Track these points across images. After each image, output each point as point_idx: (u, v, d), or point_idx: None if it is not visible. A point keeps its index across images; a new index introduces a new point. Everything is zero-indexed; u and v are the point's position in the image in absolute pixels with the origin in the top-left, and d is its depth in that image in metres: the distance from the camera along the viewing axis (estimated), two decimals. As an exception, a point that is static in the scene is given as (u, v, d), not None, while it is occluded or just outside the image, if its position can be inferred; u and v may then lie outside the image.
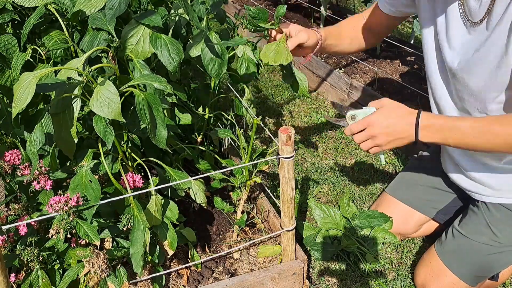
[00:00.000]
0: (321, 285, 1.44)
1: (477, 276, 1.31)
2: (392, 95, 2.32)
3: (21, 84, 0.85)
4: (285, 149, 1.12)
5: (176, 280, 1.33)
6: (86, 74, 0.94)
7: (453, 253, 1.33)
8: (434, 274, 1.35)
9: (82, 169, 1.05)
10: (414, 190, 1.55)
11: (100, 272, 1.02)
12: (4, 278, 0.77)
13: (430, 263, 1.36)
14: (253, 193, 1.59)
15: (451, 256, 1.33)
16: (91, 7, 1.10)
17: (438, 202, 1.52)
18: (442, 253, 1.35)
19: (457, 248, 1.33)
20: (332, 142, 2.18)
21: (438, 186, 1.53)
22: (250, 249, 1.46)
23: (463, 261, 1.31)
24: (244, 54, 1.44)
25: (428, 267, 1.37)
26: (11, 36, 1.14)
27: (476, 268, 1.30)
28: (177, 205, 1.23)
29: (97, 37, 1.12)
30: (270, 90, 2.67)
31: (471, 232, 1.32)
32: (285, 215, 1.25)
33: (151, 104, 0.98)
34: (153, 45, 1.12)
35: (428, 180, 1.54)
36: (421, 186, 1.55)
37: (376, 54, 2.79)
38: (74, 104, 0.95)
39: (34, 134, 1.01)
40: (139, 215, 1.05)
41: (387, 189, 1.63)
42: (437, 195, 1.52)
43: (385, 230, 1.52)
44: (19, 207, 1.15)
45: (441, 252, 1.35)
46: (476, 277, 1.31)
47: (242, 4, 3.82)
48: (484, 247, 1.29)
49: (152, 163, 1.25)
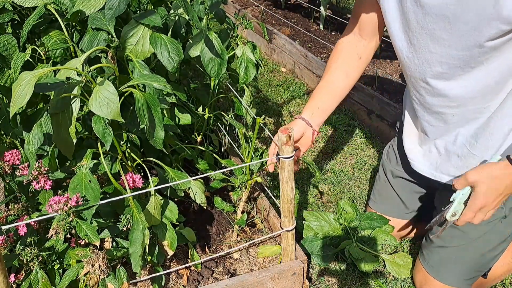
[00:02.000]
0: (321, 285, 1.44)
1: (466, 278, 1.31)
2: (392, 95, 2.32)
3: (19, 83, 0.85)
4: (285, 149, 1.12)
5: (176, 280, 1.33)
6: (85, 74, 0.94)
7: (437, 265, 1.33)
8: (427, 284, 1.36)
9: (81, 169, 1.05)
10: (391, 202, 1.58)
11: (100, 272, 1.02)
12: (3, 278, 0.77)
13: (422, 270, 1.38)
14: (253, 193, 1.59)
15: (436, 269, 1.34)
16: (91, 7, 1.10)
17: (415, 204, 1.55)
18: (427, 267, 1.36)
19: (439, 261, 1.33)
20: (332, 142, 2.18)
21: (409, 189, 1.53)
22: (250, 249, 1.46)
23: (449, 270, 1.32)
24: (244, 54, 1.44)
25: (420, 273, 1.38)
26: (11, 36, 1.14)
27: (464, 272, 1.30)
28: (177, 205, 1.23)
29: (97, 37, 1.12)
30: (270, 90, 2.67)
31: (443, 239, 1.32)
32: (285, 215, 1.25)
33: (150, 105, 0.98)
34: (153, 45, 1.12)
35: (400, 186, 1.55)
36: (395, 196, 1.56)
37: (376, 54, 2.79)
38: (73, 104, 0.95)
39: (33, 133, 1.01)
40: (138, 215, 1.05)
41: (370, 202, 1.65)
42: (412, 198, 1.54)
43: (386, 232, 1.53)
44: (19, 207, 1.15)
45: (426, 265, 1.36)
46: (466, 279, 1.31)
47: (242, 4, 3.82)
48: (461, 249, 1.29)
49: (152, 163, 1.25)
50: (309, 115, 1.30)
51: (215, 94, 1.59)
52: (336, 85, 1.33)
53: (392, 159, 1.56)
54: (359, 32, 1.34)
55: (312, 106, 1.31)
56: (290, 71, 2.91)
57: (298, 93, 2.62)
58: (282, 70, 2.94)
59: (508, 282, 1.43)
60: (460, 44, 1.05)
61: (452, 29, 1.04)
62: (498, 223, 1.26)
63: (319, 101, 1.32)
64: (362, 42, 1.34)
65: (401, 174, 1.53)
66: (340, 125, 2.28)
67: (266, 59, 3.11)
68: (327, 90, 1.33)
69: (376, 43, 1.35)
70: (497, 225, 1.26)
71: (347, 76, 1.33)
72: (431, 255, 1.35)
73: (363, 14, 1.29)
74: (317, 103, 1.31)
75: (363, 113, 2.31)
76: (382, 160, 1.61)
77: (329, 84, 1.33)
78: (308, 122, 1.29)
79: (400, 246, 1.59)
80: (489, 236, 1.27)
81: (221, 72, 1.29)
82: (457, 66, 1.09)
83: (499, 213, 1.25)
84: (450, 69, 1.11)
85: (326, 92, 1.33)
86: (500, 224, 1.26)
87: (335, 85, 1.33)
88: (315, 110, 1.31)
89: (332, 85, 1.33)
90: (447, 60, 1.09)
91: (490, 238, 1.27)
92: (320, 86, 1.34)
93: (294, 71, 2.87)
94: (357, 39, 1.34)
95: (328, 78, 1.34)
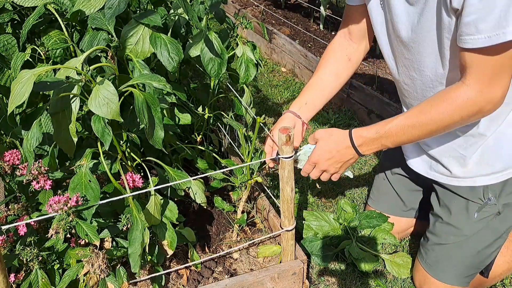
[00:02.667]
0: (321, 285, 1.44)
1: (464, 276, 1.32)
2: (392, 95, 2.32)
3: (18, 81, 0.85)
4: (285, 149, 1.12)
5: (175, 280, 1.33)
6: (84, 74, 0.94)
7: (435, 264, 1.34)
8: (426, 282, 1.36)
9: (81, 169, 1.05)
10: (390, 200, 1.59)
11: (100, 272, 1.02)
12: (3, 278, 0.77)
13: (421, 269, 1.38)
14: (253, 193, 1.59)
15: (434, 267, 1.34)
16: (91, 7, 1.10)
17: (413, 202, 1.56)
18: (426, 266, 1.36)
19: (437, 259, 1.34)
20: (332, 142, 2.18)
21: (407, 186, 1.55)
22: (250, 249, 1.46)
23: (447, 268, 1.32)
24: (244, 54, 1.44)
25: (420, 272, 1.39)
26: (11, 36, 1.14)
27: (460, 269, 1.31)
28: (177, 205, 1.23)
29: (97, 37, 1.12)
30: (270, 90, 2.67)
31: (439, 237, 1.33)
32: (285, 215, 1.25)
33: (149, 104, 0.98)
34: (153, 44, 1.12)
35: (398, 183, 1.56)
36: (394, 193, 1.57)
37: (376, 54, 2.79)
38: (73, 104, 0.95)
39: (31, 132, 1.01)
40: (137, 215, 1.05)
41: (369, 201, 1.66)
42: (410, 196, 1.56)
43: (386, 230, 1.53)
44: (19, 207, 1.15)
45: (424, 265, 1.37)
46: (464, 277, 1.32)
47: (242, 4, 3.82)
48: (457, 246, 1.30)
49: (152, 163, 1.25)
50: (297, 108, 1.35)
51: (215, 94, 1.59)
52: (325, 84, 1.37)
53: (390, 156, 1.57)
54: (349, 35, 1.38)
55: (300, 102, 1.36)
56: (290, 71, 2.91)
57: (298, 93, 2.61)
58: (282, 70, 2.94)
59: (508, 282, 1.43)
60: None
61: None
62: (493, 219, 1.27)
63: (307, 97, 1.36)
64: (352, 45, 1.38)
65: (399, 171, 1.54)
66: (340, 125, 2.28)
67: (266, 59, 3.11)
68: (316, 87, 1.37)
69: (366, 47, 1.40)
70: (491, 222, 1.27)
71: (336, 76, 1.38)
72: (428, 253, 1.35)
73: (352, 18, 1.34)
74: (305, 99, 1.36)
75: (363, 113, 2.31)
76: (381, 157, 1.62)
77: (319, 82, 1.37)
78: (296, 115, 1.33)
79: (400, 245, 1.59)
80: (484, 233, 1.28)
81: (221, 72, 1.29)
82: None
83: (492, 209, 1.26)
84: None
85: (315, 90, 1.37)
86: (495, 221, 1.27)
87: (324, 83, 1.37)
88: (302, 105, 1.35)
89: (321, 83, 1.37)
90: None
91: (485, 234, 1.28)
92: (309, 83, 1.38)
93: (294, 71, 2.87)
94: (347, 42, 1.39)
95: (317, 77, 1.38)
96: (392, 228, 1.54)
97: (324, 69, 1.38)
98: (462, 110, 1.04)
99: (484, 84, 1.01)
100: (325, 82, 1.37)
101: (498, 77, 1.00)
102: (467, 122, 1.08)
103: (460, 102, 1.03)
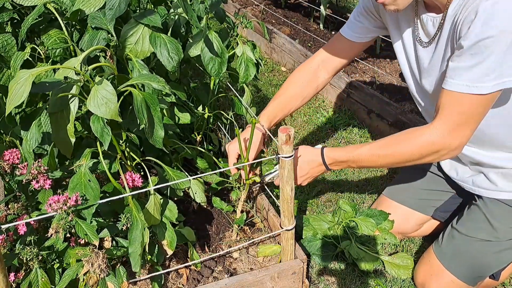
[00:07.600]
0: (321, 285, 1.44)
1: (476, 275, 1.31)
2: (392, 95, 2.32)
3: (17, 81, 0.84)
4: (284, 149, 1.12)
5: (175, 280, 1.33)
6: (83, 74, 0.94)
7: (452, 254, 1.33)
8: (434, 273, 1.35)
9: (81, 169, 1.05)
10: (412, 192, 1.58)
11: (100, 272, 1.02)
12: (3, 277, 0.77)
13: (430, 262, 1.37)
14: (253, 193, 1.59)
15: (449, 257, 1.33)
16: (91, 6, 1.10)
17: (436, 200, 1.55)
18: (440, 254, 1.35)
19: (455, 249, 1.33)
20: (332, 141, 2.18)
21: (434, 185, 1.54)
22: (250, 248, 1.46)
23: (462, 261, 1.31)
24: (244, 54, 1.44)
25: (428, 265, 1.37)
26: (10, 35, 1.13)
27: (475, 268, 1.30)
28: (177, 205, 1.23)
29: (97, 36, 1.12)
30: (270, 89, 2.67)
31: (470, 229, 1.32)
32: (285, 214, 1.25)
33: (149, 104, 0.98)
34: (152, 44, 1.12)
35: (424, 180, 1.56)
36: (418, 187, 1.57)
37: (376, 54, 2.79)
38: (71, 104, 0.95)
39: (30, 133, 1.01)
40: (137, 214, 1.05)
41: (385, 192, 1.65)
42: (434, 195, 1.54)
43: (386, 230, 1.52)
44: (19, 207, 1.15)
45: (439, 253, 1.36)
46: (475, 277, 1.31)
47: (242, 3, 3.82)
48: (482, 244, 1.29)
49: (152, 162, 1.25)
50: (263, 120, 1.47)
51: (215, 94, 1.59)
52: (290, 105, 1.51)
53: None
54: (324, 64, 1.51)
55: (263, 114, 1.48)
56: (290, 70, 2.90)
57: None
58: (282, 69, 2.94)
59: (508, 282, 1.43)
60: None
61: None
62: None
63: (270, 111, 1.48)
64: (323, 74, 1.52)
65: (434, 170, 1.57)
66: (340, 124, 2.28)
67: (266, 58, 3.10)
68: (281, 105, 1.50)
69: (330, 79, 1.56)
70: None
71: (302, 99, 1.53)
72: (448, 241, 1.35)
73: (333, 51, 1.48)
74: (267, 112, 1.48)
75: (363, 113, 2.31)
76: None
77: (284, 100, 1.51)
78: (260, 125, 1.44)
79: (400, 245, 1.59)
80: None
81: (221, 72, 1.29)
82: None
83: None
84: None
85: (279, 106, 1.50)
86: None
87: (290, 105, 1.51)
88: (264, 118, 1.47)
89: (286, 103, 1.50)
90: None
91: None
92: (276, 98, 1.51)
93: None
94: (320, 70, 1.52)
95: (286, 94, 1.51)
96: (392, 226, 1.53)
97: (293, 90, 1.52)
98: (422, 149, 1.14)
99: (447, 130, 1.10)
100: (292, 104, 1.51)
101: (461, 127, 1.09)
102: (425, 161, 1.18)
103: (422, 141, 1.14)
